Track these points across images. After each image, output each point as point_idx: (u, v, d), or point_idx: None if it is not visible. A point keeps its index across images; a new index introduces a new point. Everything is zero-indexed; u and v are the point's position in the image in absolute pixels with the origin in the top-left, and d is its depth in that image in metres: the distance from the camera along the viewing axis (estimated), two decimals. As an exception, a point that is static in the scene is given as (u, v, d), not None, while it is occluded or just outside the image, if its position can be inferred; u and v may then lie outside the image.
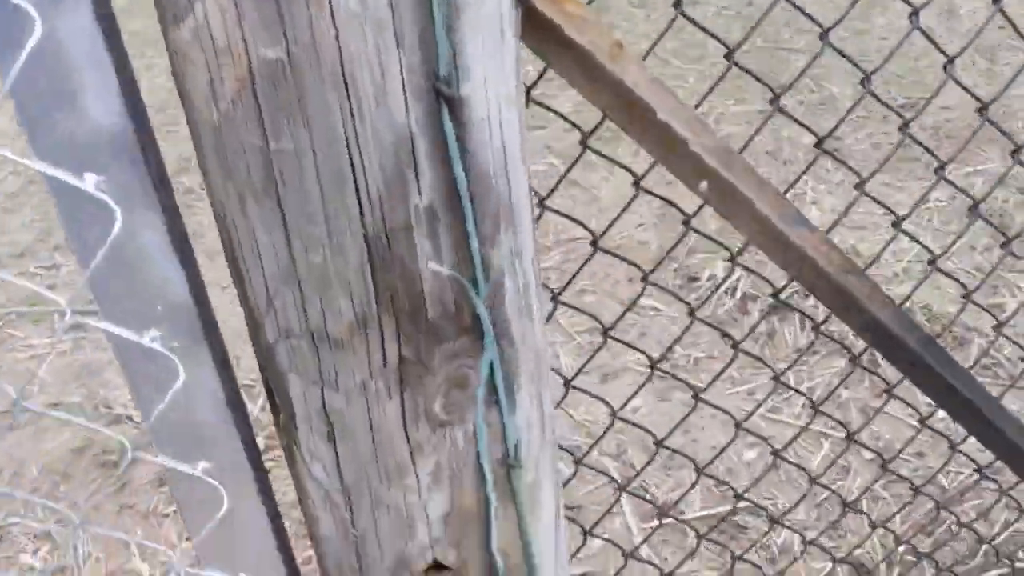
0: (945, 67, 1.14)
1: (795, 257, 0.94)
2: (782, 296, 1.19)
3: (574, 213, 2.89)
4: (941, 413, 1.23)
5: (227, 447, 0.79)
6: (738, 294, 2.58)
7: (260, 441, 2.15)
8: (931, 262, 1.26)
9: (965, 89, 1.24)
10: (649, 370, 1.28)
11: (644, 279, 1.14)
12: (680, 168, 0.85)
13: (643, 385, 1.47)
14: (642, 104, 0.79)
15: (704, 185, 0.86)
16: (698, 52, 3.96)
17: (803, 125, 1.16)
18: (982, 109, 1.19)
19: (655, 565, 1.56)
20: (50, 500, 2.02)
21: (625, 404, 1.42)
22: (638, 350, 1.38)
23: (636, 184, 0.99)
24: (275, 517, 0.85)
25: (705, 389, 1.39)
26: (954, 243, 1.43)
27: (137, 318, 0.71)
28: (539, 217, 0.98)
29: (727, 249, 1.19)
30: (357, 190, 0.63)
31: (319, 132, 0.61)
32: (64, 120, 0.63)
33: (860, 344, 2.13)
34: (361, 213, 0.64)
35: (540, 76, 0.89)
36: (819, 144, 1.05)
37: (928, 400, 1.24)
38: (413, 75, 0.61)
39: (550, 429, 0.87)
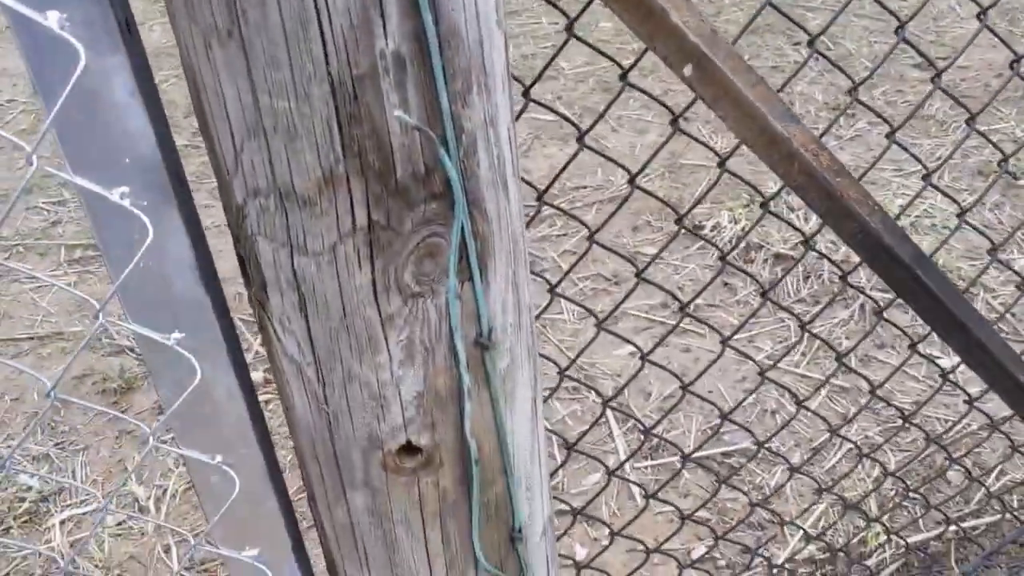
0: (979, 16, 1.12)
1: (784, 154, 0.92)
2: (784, 249, 1.17)
3: (583, 163, 2.87)
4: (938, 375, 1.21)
5: (200, 318, 0.78)
6: (743, 244, 2.56)
7: (257, 376, 2.15)
8: (960, 215, 1.24)
9: (1001, 40, 1.21)
10: (646, 317, 1.26)
11: (679, 221, 1.13)
12: (664, 47, 0.83)
13: (671, 331, 1.43)
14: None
15: (688, 69, 0.85)
16: (714, 8, 3.91)
17: (839, 69, 1.13)
18: (1015, 62, 1.17)
19: (640, 485, 1.55)
20: (49, 425, 2.04)
21: (654, 349, 1.38)
22: (670, 294, 1.33)
23: (674, 123, 0.98)
24: (250, 391, 0.84)
25: (730, 337, 1.35)
26: (980, 198, 1.40)
27: (106, 173, 0.70)
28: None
29: (760, 193, 1.16)
30: (322, 32, 0.62)
31: (283, -33, 0.59)
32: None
33: (869, 301, 2.10)
34: (326, 58, 0.63)
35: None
36: (853, 92, 1.03)
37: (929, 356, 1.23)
38: (381, -90, 0.60)
39: (528, 317, 0.85)
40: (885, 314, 1.35)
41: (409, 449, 0.83)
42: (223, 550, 0.92)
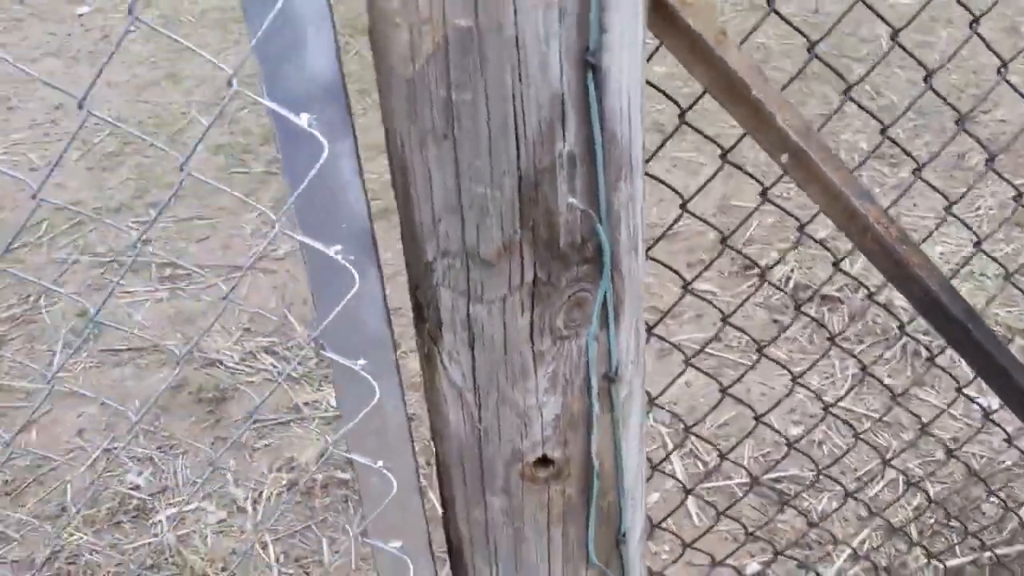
0: (999, 70, 1.28)
1: (860, 226, 1.09)
2: (825, 290, 1.34)
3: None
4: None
5: (381, 348, 0.96)
6: (791, 284, 2.72)
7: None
8: (976, 244, 1.40)
9: (1019, 93, 1.38)
10: (699, 349, 1.43)
11: (722, 241, 1.30)
12: (767, 140, 1.01)
13: (750, 368, 1.57)
14: (740, 83, 0.95)
15: (785, 157, 1.02)
16: (761, 55, 4.09)
17: (870, 114, 1.30)
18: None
19: (713, 505, 1.71)
20: (149, 431, 2.23)
21: (735, 382, 1.53)
22: (743, 331, 1.49)
23: (723, 156, 1.15)
24: (407, 415, 1.02)
25: (801, 375, 1.52)
26: (997, 229, 1.56)
27: (326, 233, 0.88)
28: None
29: (822, 245, 1.34)
30: (517, 136, 0.80)
31: (493, 88, 0.77)
32: (291, 71, 0.80)
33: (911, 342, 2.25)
34: (518, 155, 0.81)
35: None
36: (884, 131, 1.19)
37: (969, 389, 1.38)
38: (569, 47, 0.77)
39: (641, 355, 1.03)
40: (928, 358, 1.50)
41: (543, 461, 1.00)
42: (374, 541, 1.10)
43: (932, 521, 1.96)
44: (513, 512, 1.04)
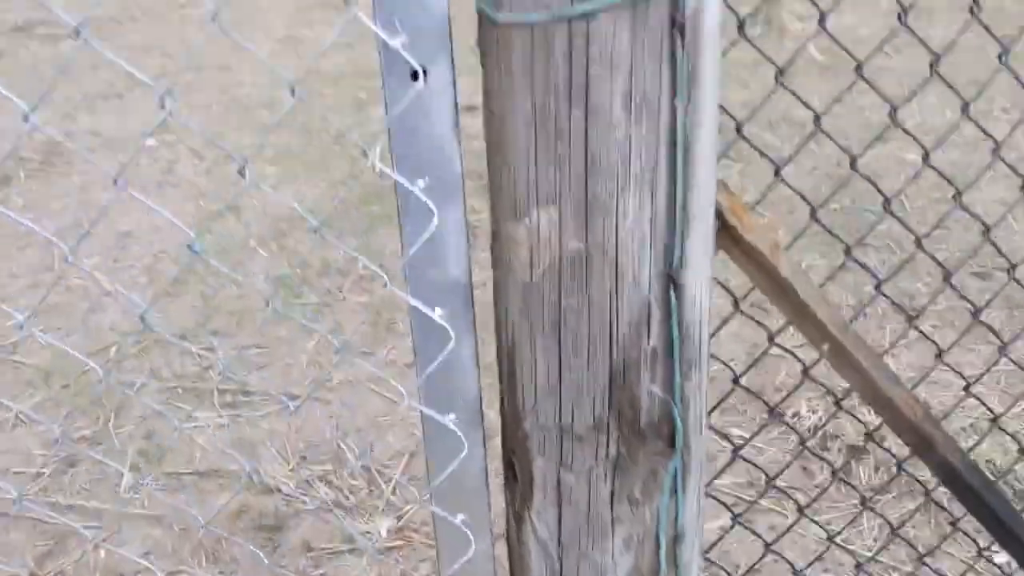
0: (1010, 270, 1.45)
1: (887, 407, 1.25)
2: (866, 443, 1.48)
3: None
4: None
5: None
6: (819, 433, 2.84)
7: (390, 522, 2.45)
8: (993, 420, 1.54)
9: None
10: (740, 498, 1.56)
11: (770, 412, 1.45)
12: (810, 333, 1.17)
13: (792, 526, 1.70)
14: (789, 288, 1.12)
15: (826, 347, 1.18)
16: (789, 205, 4.31)
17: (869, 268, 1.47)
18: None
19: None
20: (212, 555, 2.35)
21: (781, 537, 1.66)
22: (787, 494, 1.65)
23: (736, 305, 1.31)
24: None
25: (838, 533, 1.65)
26: (1013, 405, 1.71)
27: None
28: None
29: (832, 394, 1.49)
30: (610, 335, 0.96)
31: (595, 295, 0.95)
32: (433, 275, 0.97)
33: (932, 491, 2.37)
34: (611, 350, 0.97)
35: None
36: (878, 287, 1.35)
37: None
38: (656, 265, 0.95)
39: (700, 519, 1.17)
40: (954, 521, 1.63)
41: (615, 612, 1.13)
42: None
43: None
44: (585, 656, 1.16)
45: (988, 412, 2.97)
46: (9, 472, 2.69)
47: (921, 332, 1.48)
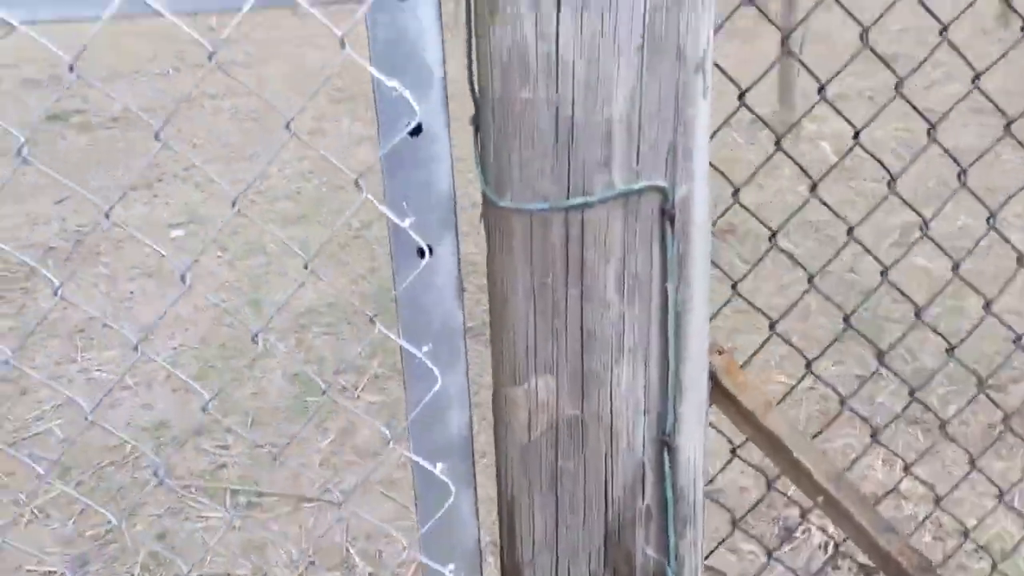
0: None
1: (882, 555, 1.27)
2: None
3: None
4: None
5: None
6: (830, 550, 2.83)
7: None
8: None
9: None
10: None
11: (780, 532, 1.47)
12: (805, 486, 1.20)
13: None
14: (782, 446, 1.15)
15: (820, 499, 1.21)
16: (802, 313, 4.35)
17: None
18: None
19: None
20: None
21: None
22: None
23: (769, 485, 1.33)
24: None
25: None
26: None
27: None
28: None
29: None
30: (606, 496, 1.00)
31: (591, 457, 0.98)
32: (436, 431, 1.02)
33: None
34: (606, 510, 1.00)
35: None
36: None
37: None
38: (650, 430, 0.99)
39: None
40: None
41: None
42: None
43: None
44: None
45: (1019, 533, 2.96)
46: (22, 569, 2.71)
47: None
